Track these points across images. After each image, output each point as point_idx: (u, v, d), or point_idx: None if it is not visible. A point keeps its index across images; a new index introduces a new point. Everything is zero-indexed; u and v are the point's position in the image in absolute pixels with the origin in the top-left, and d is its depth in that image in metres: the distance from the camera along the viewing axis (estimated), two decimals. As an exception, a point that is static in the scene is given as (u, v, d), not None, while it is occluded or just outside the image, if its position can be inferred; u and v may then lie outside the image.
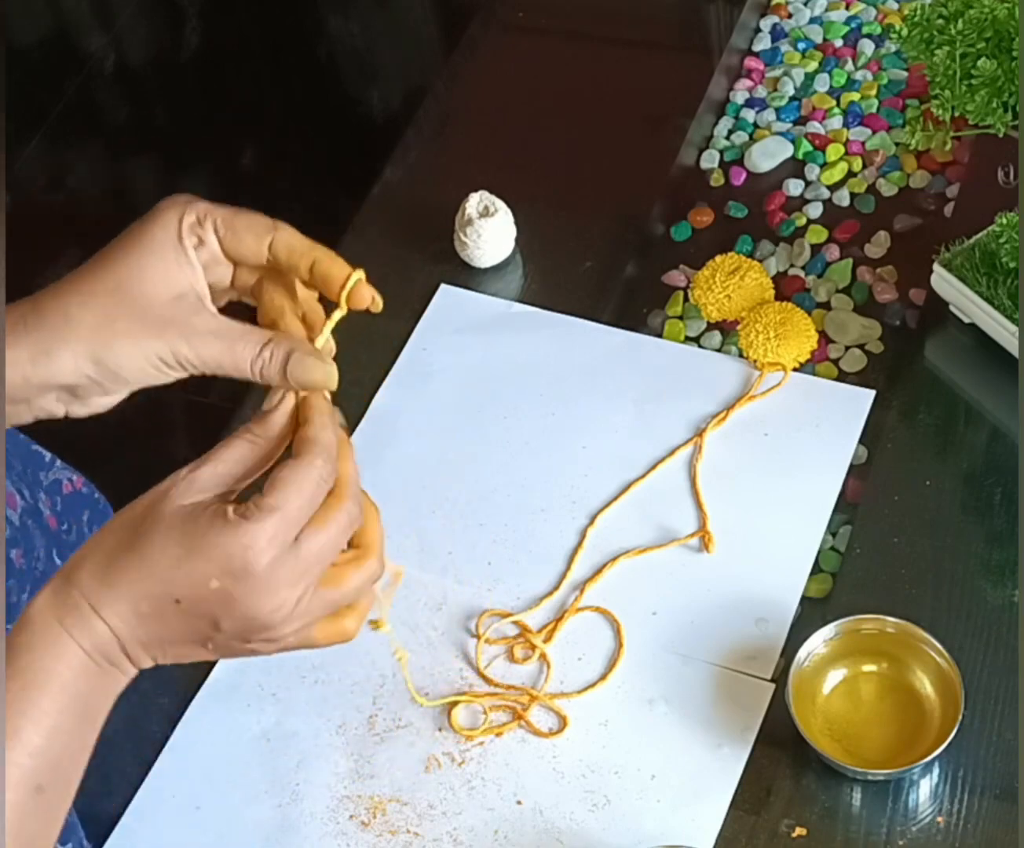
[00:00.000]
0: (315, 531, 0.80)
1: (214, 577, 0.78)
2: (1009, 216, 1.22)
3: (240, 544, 0.78)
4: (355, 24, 3.04)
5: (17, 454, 1.20)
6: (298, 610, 0.81)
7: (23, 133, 2.82)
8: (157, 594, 0.79)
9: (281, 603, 0.79)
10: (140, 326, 0.85)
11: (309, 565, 0.80)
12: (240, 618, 0.80)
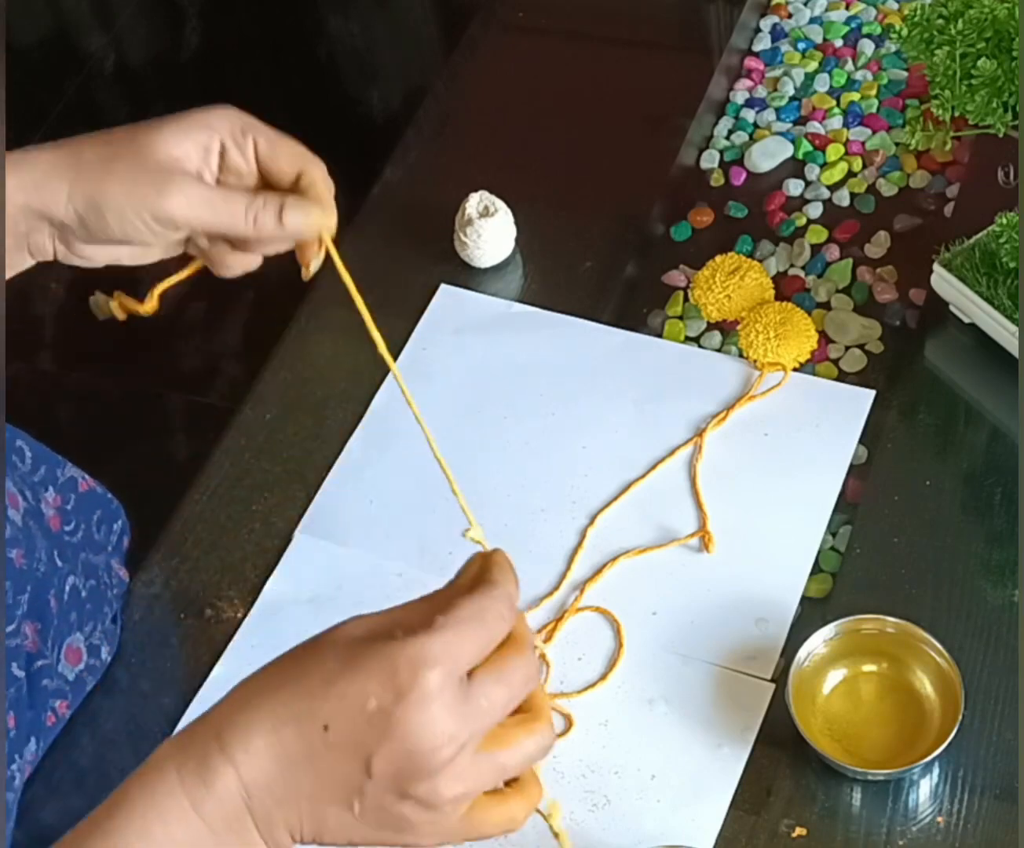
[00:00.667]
0: (489, 673, 0.72)
1: (372, 695, 0.69)
2: (1009, 216, 1.22)
3: (406, 657, 0.69)
4: (355, 24, 3.04)
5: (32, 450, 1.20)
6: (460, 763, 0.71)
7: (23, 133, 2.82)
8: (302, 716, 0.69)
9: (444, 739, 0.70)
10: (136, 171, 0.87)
11: (479, 709, 0.71)
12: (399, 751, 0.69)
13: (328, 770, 0.70)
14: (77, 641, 1.16)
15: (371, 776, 0.70)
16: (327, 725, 0.69)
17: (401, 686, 0.69)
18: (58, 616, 1.14)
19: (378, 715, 0.69)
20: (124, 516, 1.27)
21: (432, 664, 0.70)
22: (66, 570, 1.16)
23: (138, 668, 1.19)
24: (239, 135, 0.91)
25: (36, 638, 1.12)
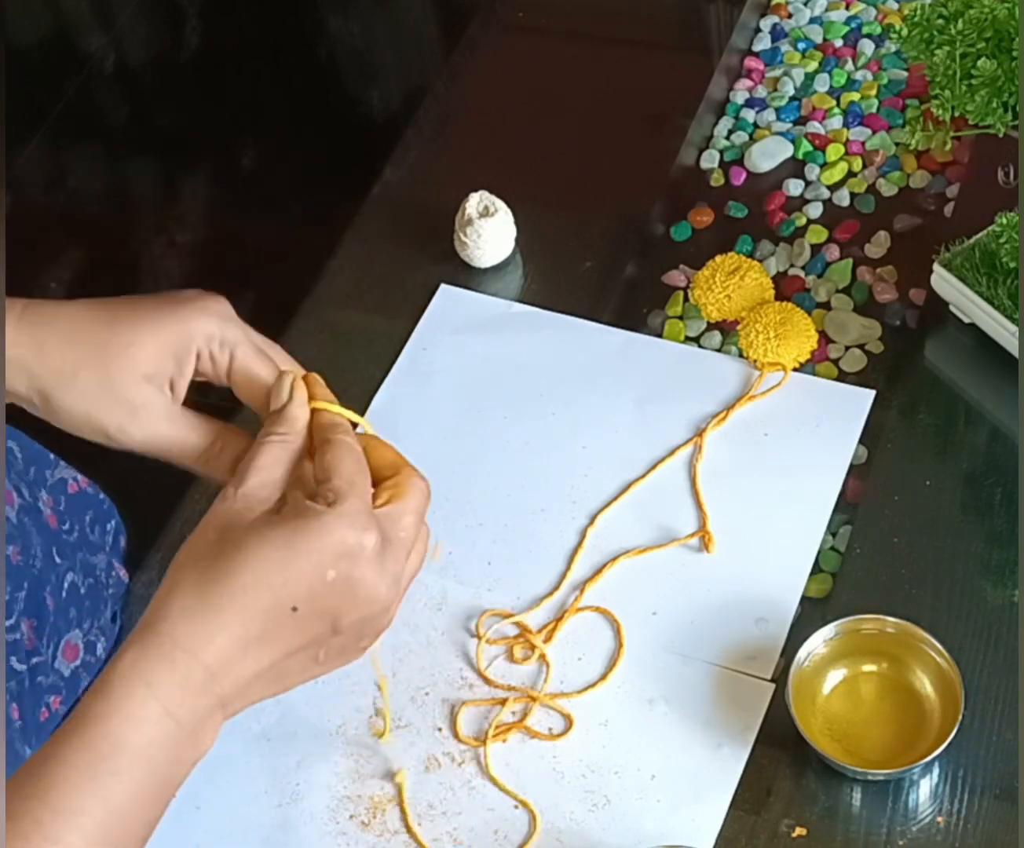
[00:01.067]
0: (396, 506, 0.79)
1: (330, 567, 0.75)
2: (1009, 216, 1.22)
3: (346, 526, 0.76)
4: (355, 24, 3.04)
5: (22, 451, 1.20)
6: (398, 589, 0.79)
7: (23, 133, 2.82)
8: (270, 607, 0.75)
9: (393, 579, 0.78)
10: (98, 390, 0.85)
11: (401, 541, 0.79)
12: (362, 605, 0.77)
13: (298, 640, 0.76)
14: (75, 638, 1.16)
15: (339, 632, 0.77)
16: (295, 607, 0.75)
17: (350, 552, 0.76)
18: (55, 613, 1.14)
19: (338, 581, 0.75)
20: (117, 516, 1.27)
21: (367, 525, 0.77)
22: (65, 567, 1.16)
23: (138, 668, 1.19)
24: (217, 350, 0.87)
25: (32, 635, 1.12)
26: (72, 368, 0.85)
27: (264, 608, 0.75)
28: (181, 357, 0.87)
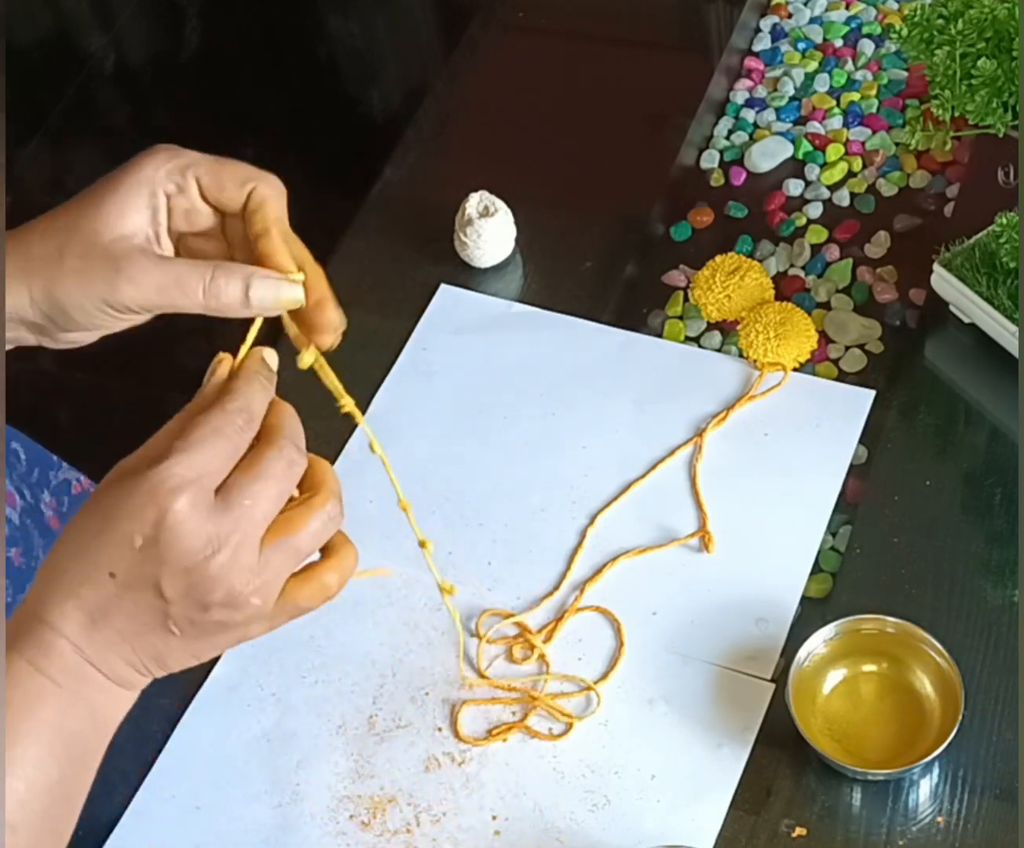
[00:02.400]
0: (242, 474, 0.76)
1: (136, 533, 0.74)
2: (1009, 216, 1.22)
3: (150, 487, 0.73)
4: (355, 24, 3.04)
5: (26, 452, 1.20)
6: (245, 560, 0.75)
7: (23, 133, 2.82)
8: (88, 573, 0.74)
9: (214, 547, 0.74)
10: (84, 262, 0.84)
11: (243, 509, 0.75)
12: (177, 572, 0.74)
13: (132, 607, 0.75)
14: None
15: (167, 600, 0.75)
16: (112, 572, 0.74)
17: (154, 517, 0.73)
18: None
19: (146, 548, 0.74)
20: None
21: (177, 488, 0.73)
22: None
23: (138, 668, 1.19)
24: (179, 177, 0.86)
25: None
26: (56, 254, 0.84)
27: (87, 575, 0.75)
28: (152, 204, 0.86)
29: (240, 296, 0.82)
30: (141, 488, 0.74)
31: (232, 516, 0.75)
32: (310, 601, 0.79)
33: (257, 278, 0.82)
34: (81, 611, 0.75)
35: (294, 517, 0.78)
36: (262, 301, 0.82)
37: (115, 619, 0.75)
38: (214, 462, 0.75)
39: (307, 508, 0.78)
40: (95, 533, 0.75)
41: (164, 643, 0.77)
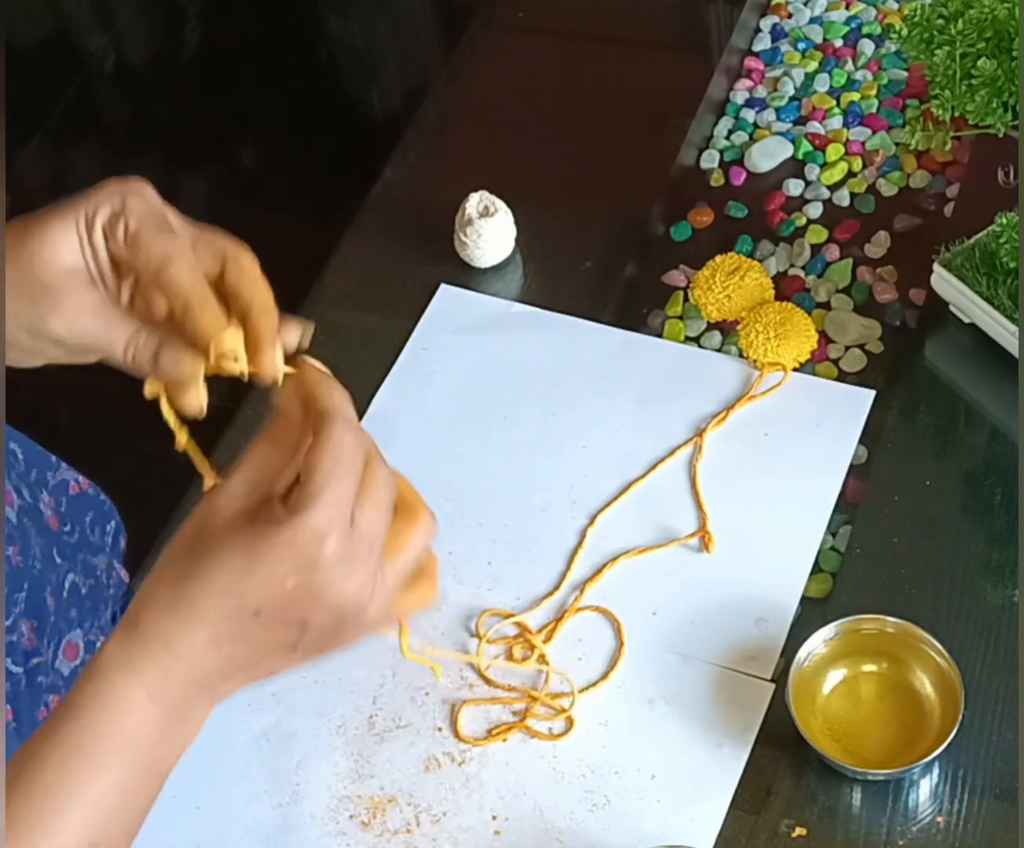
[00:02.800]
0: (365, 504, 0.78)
1: (288, 576, 0.76)
2: (1009, 216, 1.22)
3: (303, 537, 0.76)
4: (355, 24, 3.04)
5: (24, 453, 1.20)
6: (377, 586, 0.79)
7: (23, 133, 2.82)
8: (232, 612, 0.77)
9: (362, 581, 0.78)
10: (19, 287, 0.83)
11: (371, 538, 0.78)
12: (329, 609, 0.77)
13: (268, 639, 0.78)
14: (76, 637, 1.16)
15: (308, 630, 0.78)
16: (258, 611, 0.77)
17: (308, 563, 0.76)
18: (56, 613, 1.14)
19: (299, 589, 0.76)
20: (117, 517, 1.27)
21: (326, 533, 0.76)
22: (66, 568, 1.16)
23: (138, 668, 1.19)
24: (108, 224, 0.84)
25: (32, 635, 1.12)
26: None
27: (228, 612, 0.77)
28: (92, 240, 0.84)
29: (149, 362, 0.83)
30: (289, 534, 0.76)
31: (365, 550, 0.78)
32: (414, 609, 0.83)
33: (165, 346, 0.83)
34: (214, 647, 0.77)
35: (402, 538, 0.81)
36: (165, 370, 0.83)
37: (244, 648, 0.78)
38: (347, 494, 0.78)
39: (411, 526, 0.82)
40: (241, 573, 0.76)
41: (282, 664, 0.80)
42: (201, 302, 0.82)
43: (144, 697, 0.77)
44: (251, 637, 0.77)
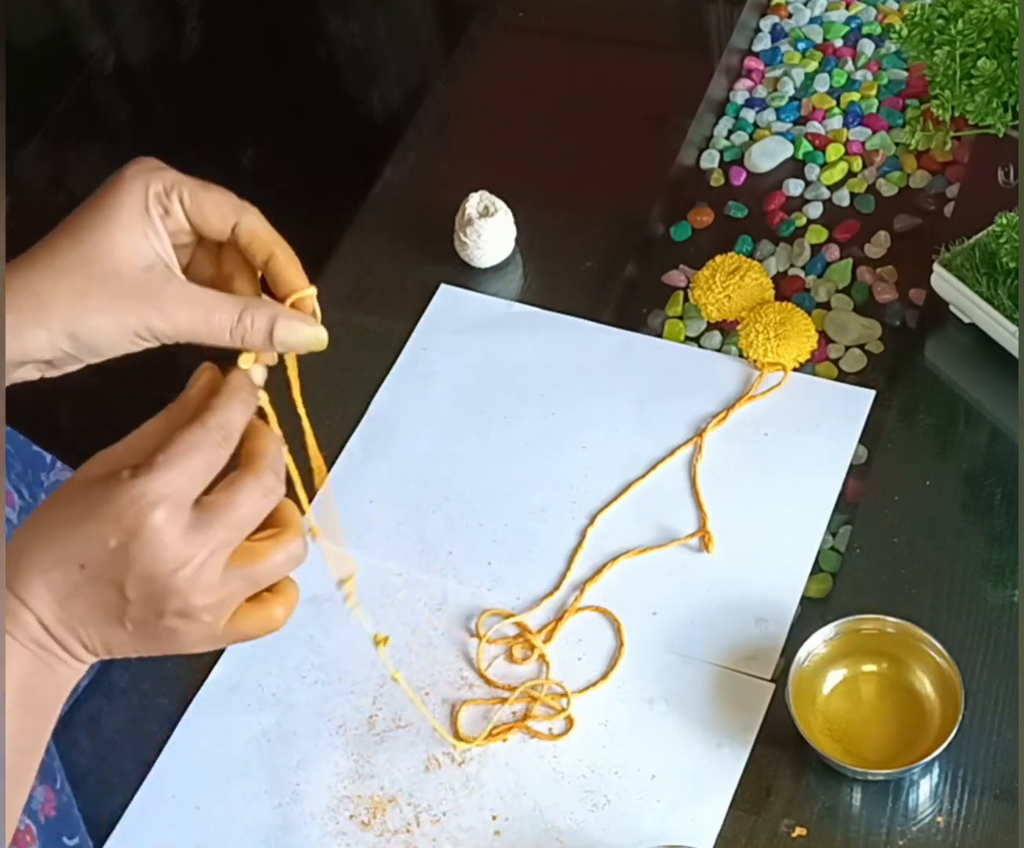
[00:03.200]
0: (221, 494, 0.79)
1: (111, 535, 0.77)
2: (1009, 216, 1.22)
3: (131, 497, 0.77)
4: (355, 24, 3.04)
5: (18, 455, 1.20)
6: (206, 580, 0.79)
7: (23, 133, 2.82)
8: (62, 560, 0.78)
9: (180, 563, 0.78)
10: (112, 301, 0.84)
11: (215, 528, 0.78)
12: (141, 579, 0.78)
13: (94, 599, 0.79)
14: None
15: (128, 600, 0.79)
16: (83, 564, 0.78)
17: (131, 525, 0.77)
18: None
19: (118, 551, 0.77)
20: None
21: (155, 502, 0.77)
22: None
23: (138, 669, 1.19)
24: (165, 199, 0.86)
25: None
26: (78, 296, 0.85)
27: (58, 560, 0.78)
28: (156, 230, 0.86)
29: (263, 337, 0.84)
30: (122, 496, 0.77)
31: (203, 536, 0.78)
32: (256, 630, 0.83)
33: (281, 319, 0.84)
34: (49, 592, 0.78)
35: (261, 548, 0.81)
36: (285, 342, 0.84)
37: (77, 605, 0.79)
38: (192, 480, 0.79)
39: (275, 542, 0.81)
40: (73, 523, 0.78)
41: (116, 636, 0.80)
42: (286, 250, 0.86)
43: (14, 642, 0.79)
44: (81, 592, 0.79)
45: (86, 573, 0.78)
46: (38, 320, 0.85)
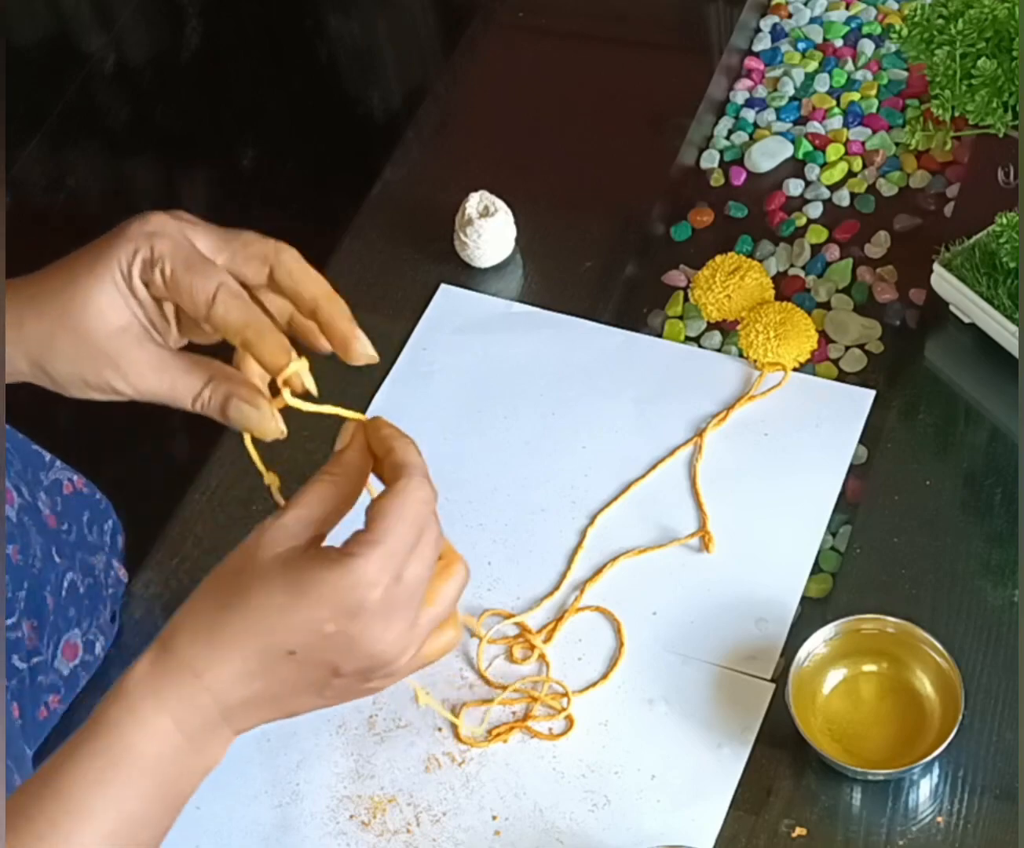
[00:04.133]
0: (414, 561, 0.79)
1: (328, 621, 0.76)
2: (1009, 216, 1.22)
3: (351, 582, 0.76)
4: (355, 24, 3.04)
5: (17, 454, 1.20)
6: (411, 639, 0.80)
7: (23, 133, 2.82)
8: (267, 648, 0.77)
9: (399, 634, 0.78)
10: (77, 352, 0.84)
11: (413, 591, 0.79)
12: (363, 658, 0.78)
13: (298, 680, 0.78)
14: (75, 636, 1.16)
15: (340, 676, 0.78)
16: (293, 651, 0.77)
17: (352, 609, 0.76)
18: (55, 612, 1.14)
19: (337, 635, 0.76)
20: (114, 515, 1.27)
21: (373, 583, 0.76)
22: (64, 566, 1.16)
23: (138, 668, 1.19)
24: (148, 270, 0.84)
25: (33, 635, 1.12)
26: (48, 337, 0.85)
27: (263, 648, 0.77)
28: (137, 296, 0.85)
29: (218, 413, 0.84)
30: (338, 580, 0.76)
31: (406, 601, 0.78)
32: (438, 656, 0.84)
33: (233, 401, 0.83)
34: (244, 681, 0.77)
35: (440, 589, 0.82)
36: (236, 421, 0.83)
37: (272, 685, 0.78)
38: (403, 548, 0.78)
39: (447, 577, 0.82)
40: (281, 610, 0.76)
41: (307, 703, 0.80)
42: (258, 333, 0.82)
43: (169, 724, 0.77)
44: (281, 676, 0.77)
45: (297, 658, 0.77)
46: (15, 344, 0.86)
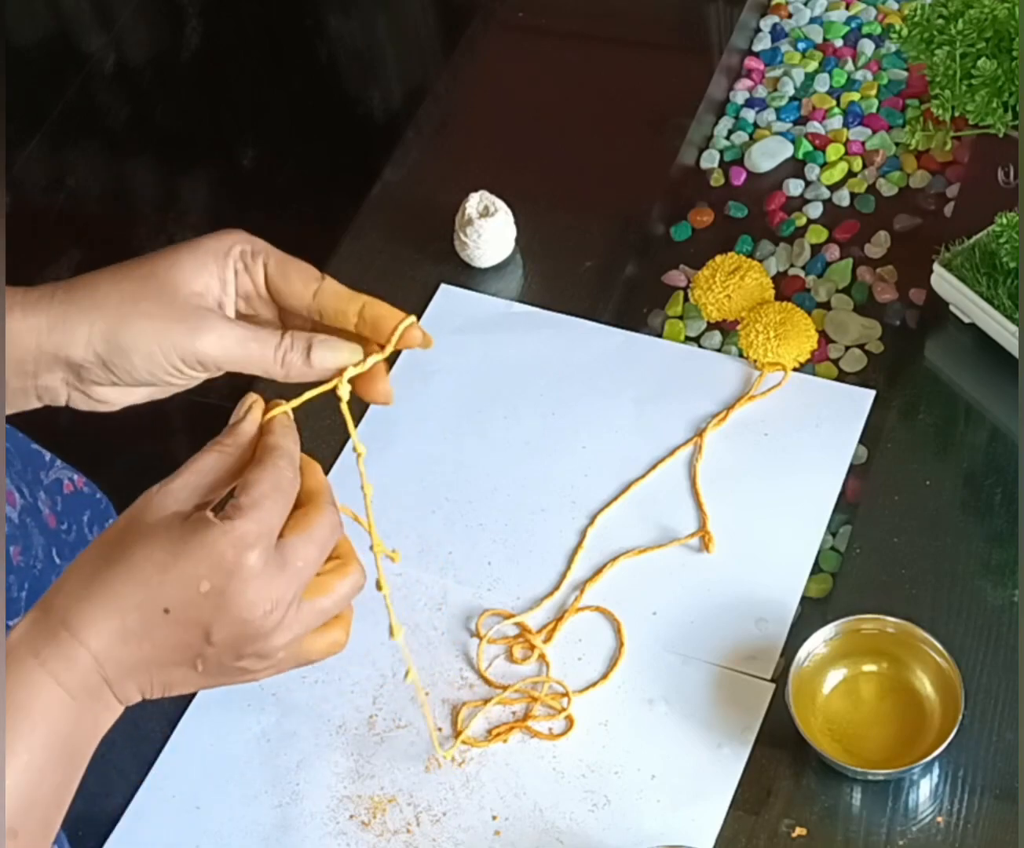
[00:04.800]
0: (299, 536, 0.81)
1: (204, 578, 0.78)
2: (1009, 216, 1.22)
3: (228, 541, 0.78)
4: (355, 24, 3.04)
5: (17, 453, 1.20)
6: (288, 619, 0.80)
7: (23, 133, 2.82)
8: (144, 603, 0.78)
9: (273, 605, 0.79)
10: (162, 308, 0.85)
11: (296, 570, 0.80)
12: (234, 622, 0.79)
13: (172, 642, 0.79)
14: None
15: (211, 644, 0.79)
16: (167, 608, 0.78)
17: (228, 568, 0.78)
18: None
19: (212, 594, 0.78)
20: (115, 515, 1.27)
21: (252, 544, 0.78)
22: (64, 566, 1.16)
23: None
24: (249, 259, 0.88)
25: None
26: (130, 297, 0.86)
27: (138, 604, 0.78)
28: (222, 274, 0.88)
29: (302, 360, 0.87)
30: (218, 539, 0.78)
31: (287, 575, 0.80)
32: (320, 656, 0.85)
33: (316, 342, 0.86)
34: (118, 635, 0.78)
35: (330, 582, 0.83)
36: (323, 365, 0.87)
37: (147, 648, 0.79)
38: (277, 518, 0.80)
39: (340, 574, 0.84)
40: (160, 566, 0.78)
41: (183, 676, 0.81)
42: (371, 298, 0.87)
43: (49, 680, 0.77)
44: (157, 635, 0.78)
45: (171, 617, 0.78)
46: (85, 312, 0.86)
